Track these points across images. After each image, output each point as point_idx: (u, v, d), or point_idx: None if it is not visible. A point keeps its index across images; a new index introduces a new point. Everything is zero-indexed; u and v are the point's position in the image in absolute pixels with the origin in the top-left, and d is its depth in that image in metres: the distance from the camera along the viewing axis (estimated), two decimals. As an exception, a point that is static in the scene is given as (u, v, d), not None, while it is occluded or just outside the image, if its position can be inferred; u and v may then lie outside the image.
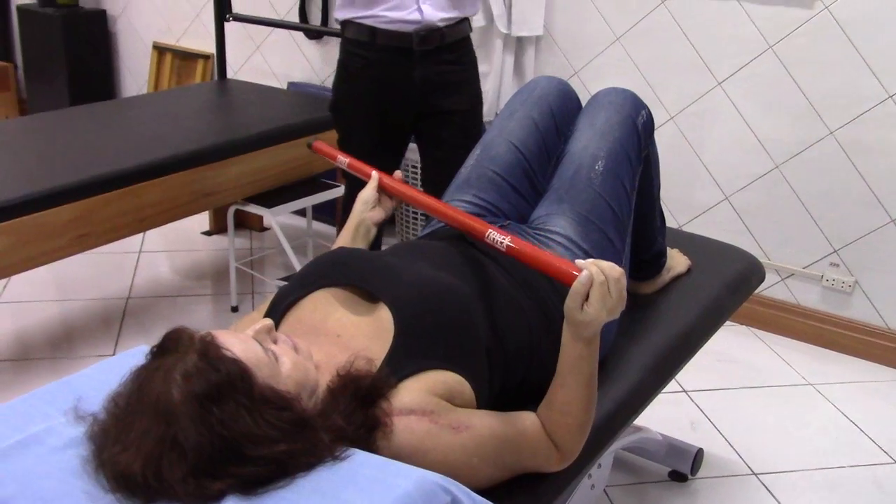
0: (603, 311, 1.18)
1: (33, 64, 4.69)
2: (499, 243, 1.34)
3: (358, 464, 1.02)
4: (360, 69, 2.43)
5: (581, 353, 1.24)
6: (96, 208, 2.40)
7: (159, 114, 3.10)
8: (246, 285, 3.30)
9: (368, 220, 1.60)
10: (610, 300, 1.18)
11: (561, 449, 1.29)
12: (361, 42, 2.40)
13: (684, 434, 2.42)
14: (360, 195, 1.63)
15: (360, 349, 1.19)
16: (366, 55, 2.40)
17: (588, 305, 1.18)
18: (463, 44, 2.50)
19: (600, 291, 1.17)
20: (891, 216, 2.82)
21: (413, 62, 2.39)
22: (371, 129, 2.48)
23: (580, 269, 1.19)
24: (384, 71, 2.41)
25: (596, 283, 1.17)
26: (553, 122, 1.75)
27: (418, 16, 2.34)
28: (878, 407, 2.70)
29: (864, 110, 2.78)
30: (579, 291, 1.18)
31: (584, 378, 1.26)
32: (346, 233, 1.61)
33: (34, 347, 2.81)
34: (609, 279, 1.18)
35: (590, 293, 1.18)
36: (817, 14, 2.77)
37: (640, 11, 3.09)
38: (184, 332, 1.05)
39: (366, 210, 1.60)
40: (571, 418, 1.27)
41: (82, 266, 3.33)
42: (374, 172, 1.63)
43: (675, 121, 3.14)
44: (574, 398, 1.27)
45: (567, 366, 1.26)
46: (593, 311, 1.18)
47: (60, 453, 1.02)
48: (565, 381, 1.26)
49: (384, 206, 1.62)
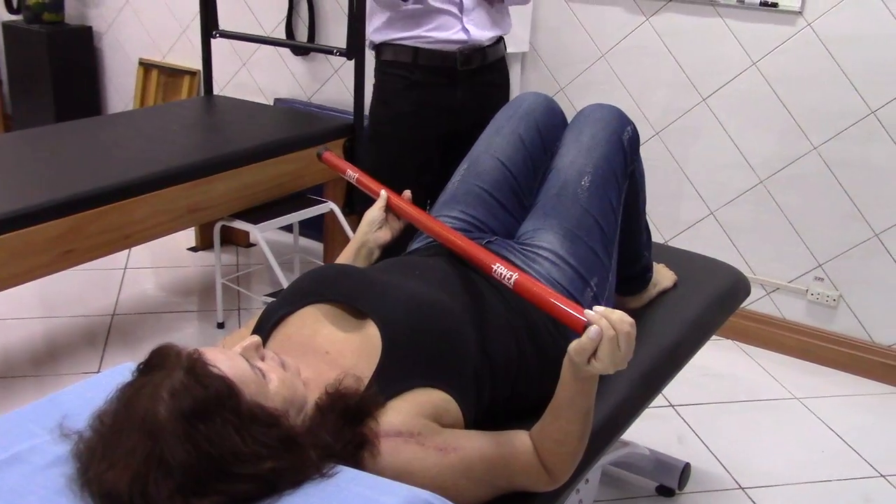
0: (611, 367, 1.11)
1: (19, 80, 4.67)
2: (506, 279, 1.29)
3: (346, 481, 1.01)
4: (402, 90, 2.40)
5: (580, 390, 1.20)
6: (82, 225, 2.39)
7: (145, 130, 3.09)
8: (232, 301, 3.29)
9: (373, 241, 1.57)
10: (619, 355, 1.11)
11: (552, 474, 1.27)
12: (402, 63, 2.37)
13: (671, 449, 2.42)
14: (366, 214, 1.59)
15: (348, 366, 1.19)
16: (407, 76, 2.38)
17: (596, 360, 1.11)
18: (501, 63, 2.53)
19: (610, 347, 1.09)
20: (874, 230, 2.85)
21: (456, 82, 2.40)
22: (413, 153, 2.46)
23: (587, 319, 1.12)
24: (427, 92, 2.40)
25: (605, 337, 1.09)
26: (539, 138, 1.76)
27: (464, 35, 2.36)
28: (863, 420, 2.71)
29: (847, 126, 2.80)
30: (587, 347, 1.10)
31: (581, 412, 1.23)
32: (348, 253, 1.58)
33: (18, 365, 2.78)
34: (619, 333, 1.10)
35: (598, 348, 1.10)
36: (800, 31, 2.80)
37: (624, 28, 3.12)
38: (171, 348, 1.04)
39: (371, 230, 1.57)
40: (566, 448, 1.25)
41: (67, 283, 3.31)
42: (382, 191, 1.59)
43: (660, 136, 3.16)
44: (570, 430, 1.24)
45: (565, 401, 1.22)
46: (601, 367, 1.11)
47: (45, 472, 1.01)
48: (561, 414, 1.23)
49: (391, 226, 1.59)
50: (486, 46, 2.42)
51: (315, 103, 3.91)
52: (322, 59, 3.86)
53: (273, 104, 3.99)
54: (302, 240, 3.64)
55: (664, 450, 2.35)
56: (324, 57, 3.84)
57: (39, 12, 4.47)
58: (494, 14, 2.45)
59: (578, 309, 1.16)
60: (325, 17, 3.79)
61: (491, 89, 2.51)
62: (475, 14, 2.39)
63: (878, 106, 2.74)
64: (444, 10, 2.34)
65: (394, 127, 2.44)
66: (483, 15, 2.40)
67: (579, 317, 1.13)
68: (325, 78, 3.87)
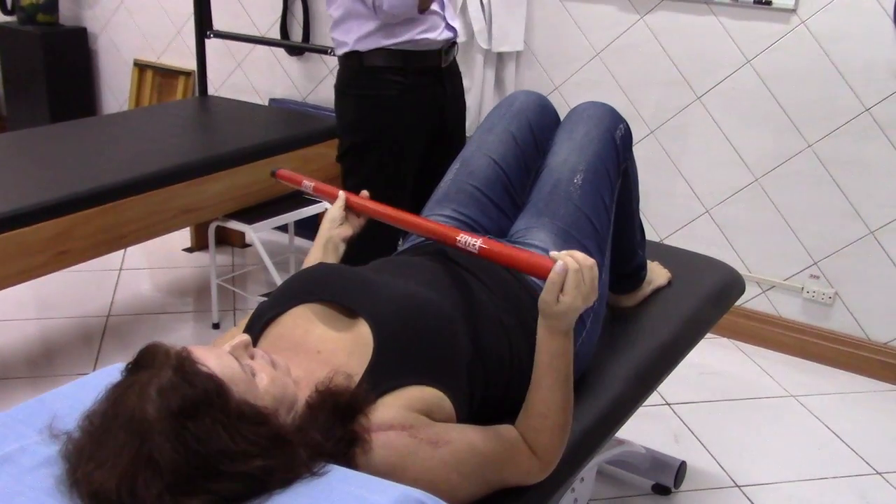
0: (579, 299, 1.21)
1: (13, 81, 4.67)
2: (471, 246, 1.36)
3: (336, 480, 1.01)
4: (398, 96, 2.37)
5: (557, 349, 1.26)
6: (76, 225, 2.38)
7: (140, 131, 3.09)
8: (228, 302, 3.28)
9: (336, 236, 1.60)
10: (584, 287, 1.21)
11: (541, 456, 1.28)
12: (395, 68, 2.34)
13: (667, 447, 2.42)
14: (327, 213, 1.63)
15: (339, 365, 1.18)
16: (402, 81, 2.36)
17: (564, 294, 1.21)
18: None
19: (575, 279, 1.20)
20: (869, 228, 2.85)
21: (443, 79, 2.44)
22: (413, 156, 2.46)
23: (553, 261, 1.22)
24: (420, 94, 2.40)
25: (571, 271, 1.20)
26: (532, 136, 1.76)
27: (450, 34, 2.41)
28: (860, 418, 2.71)
29: (841, 123, 2.80)
30: (555, 282, 1.21)
31: (560, 377, 1.27)
32: (315, 251, 1.60)
33: (13, 366, 2.78)
34: (583, 267, 1.21)
35: (565, 282, 1.20)
36: (794, 28, 2.80)
37: (619, 27, 3.12)
38: (159, 347, 1.03)
39: (333, 227, 1.60)
40: (549, 420, 1.28)
41: (62, 284, 3.30)
42: (340, 192, 1.63)
43: (654, 135, 3.16)
44: (551, 399, 1.28)
45: (543, 366, 1.28)
46: (569, 300, 1.21)
47: (34, 472, 1.01)
48: (542, 383, 1.28)
49: (352, 223, 1.62)
50: (455, 40, 2.48)
51: (310, 103, 3.91)
52: (317, 59, 3.85)
53: (268, 104, 3.99)
54: (297, 239, 3.63)
55: (660, 448, 2.34)
56: (318, 57, 3.83)
57: (34, 13, 4.47)
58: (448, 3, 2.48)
59: (543, 257, 1.27)
60: (320, 17, 3.79)
61: (459, 79, 2.58)
62: (449, 9, 2.43)
63: (873, 103, 2.74)
64: (433, 11, 2.36)
65: (393, 133, 2.40)
66: (449, 7, 2.45)
67: (547, 261, 1.24)
68: (320, 78, 3.87)
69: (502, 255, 1.32)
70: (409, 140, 2.43)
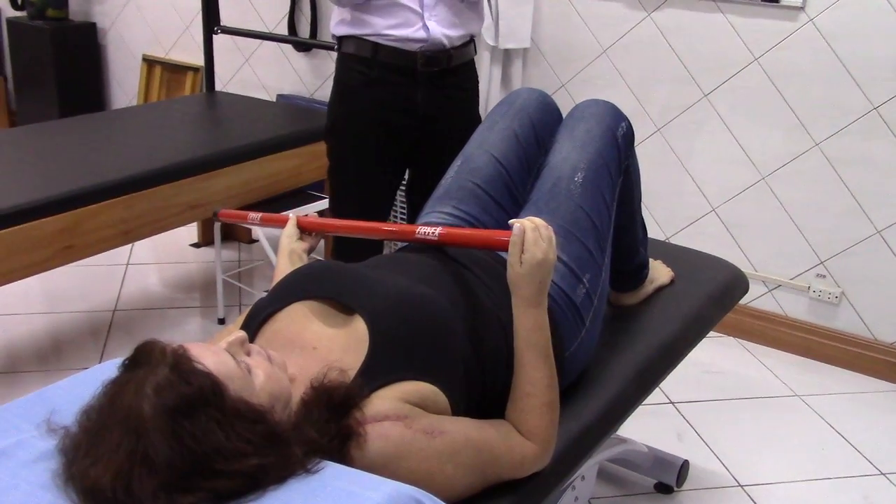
0: (538, 253, 1.27)
1: (23, 76, 4.69)
2: (431, 235, 1.41)
3: (330, 476, 1.01)
4: (360, 86, 2.30)
5: (534, 323, 1.30)
6: (84, 220, 2.39)
7: (148, 126, 3.10)
8: (233, 297, 3.29)
9: (297, 248, 1.63)
10: (542, 242, 1.28)
11: (534, 439, 1.29)
12: (362, 58, 2.28)
13: (670, 446, 2.42)
14: (282, 233, 1.65)
15: (335, 361, 1.19)
16: (367, 72, 2.28)
17: (525, 253, 1.28)
18: (468, 67, 2.42)
19: (533, 236, 1.28)
20: (876, 227, 2.83)
21: (416, 84, 2.29)
22: (369, 154, 2.35)
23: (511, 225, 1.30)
24: (386, 90, 2.29)
25: (528, 229, 1.28)
26: (533, 134, 1.75)
27: (424, 34, 2.23)
28: (865, 418, 2.70)
29: (849, 122, 2.79)
30: (516, 243, 1.28)
31: (540, 351, 1.30)
32: (282, 264, 1.61)
33: (21, 360, 2.80)
34: (539, 226, 1.29)
35: (524, 242, 1.28)
36: (802, 26, 2.79)
37: (626, 24, 3.11)
38: (155, 344, 1.04)
39: (291, 243, 1.63)
40: (536, 399, 1.29)
41: (70, 278, 3.32)
42: (290, 214, 1.67)
43: (661, 132, 3.15)
44: (535, 376, 1.29)
45: (522, 342, 1.31)
46: (530, 256, 1.27)
47: (31, 466, 1.01)
48: (523, 361, 1.31)
49: (306, 240, 1.66)
50: (451, 49, 2.29)
51: (317, 99, 3.91)
52: (324, 54, 3.86)
53: (276, 100, 4.00)
54: (304, 236, 3.63)
55: (663, 447, 2.34)
56: (326, 53, 3.84)
57: (43, 9, 4.49)
58: (461, 11, 2.30)
59: (502, 231, 1.35)
60: (327, 13, 3.79)
61: (458, 93, 2.39)
62: (438, 10, 2.25)
63: (881, 102, 2.72)
64: (404, 6, 2.21)
65: (351, 122, 2.35)
66: (446, 12, 2.26)
67: (506, 232, 1.32)
68: (328, 74, 3.87)
69: (463, 237, 1.40)
70: (366, 134, 2.34)
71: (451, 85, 2.35)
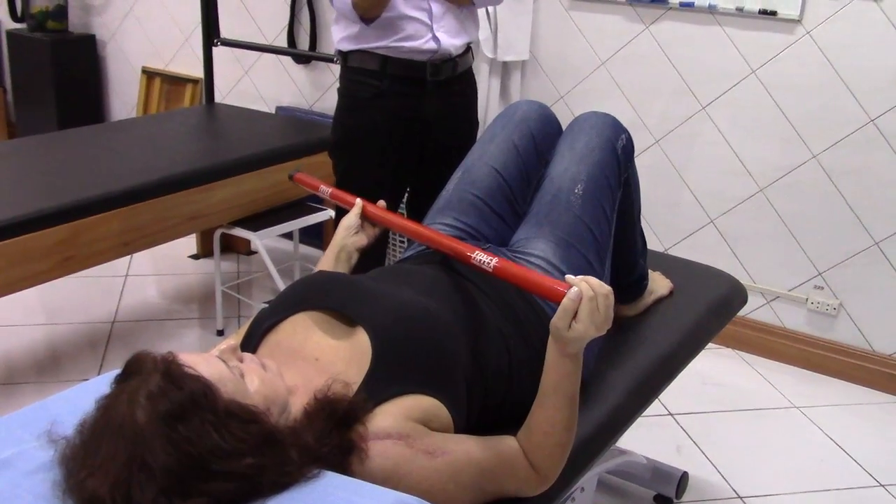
0: (591, 328, 1.18)
1: (22, 88, 4.70)
2: (486, 264, 1.34)
3: (331, 486, 1.01)
4: (370, 99, 2.32)
5: (566, 371, 1.24)
6: (83, 231, 2.40)
7: (147, 138, 3.10)
8: (232, 309, 3.29)
9: (350, 245, 1.61)
10: (598, 316, 1.18)
11: (540, 471, 1.28)
12: (371, 71, 2.30)
13: (669, 457, 2.41)
14: (342, 221, 1.63)
15: (337, 373, 1.19)
16: (376, 84, 2.30)
17: (577, 322, 1.17)
18: (469, 73, 2.47)
19: (589, 307, 1.17)
20: (874, 239, 2.84)
21: (425, 93, 2.33)
22: (377, 165, 2.38)
23: (569, 286, 1.19)
24: (396, 101, 2.32)
25: (585, 298, 1.17)
26: (533, 146, 1.76)
27: (434, 45, 2.28)
28: (863, 430, 2.70)
29: (846, 134, 2.80)
30: (569, 308, 1.17)
31: (566, 397, 1.26)
32: (328, 258, 1.61)
33: (19, 371, 2.79)
34: (598, 295, 1.18)
35: (578, 310, 1.17)
36: (799, 39, 2.80)
37: (624, 37, 3.12)
38: (146, 355, 1.05)
39: (348, 236, 1.61)
40: (553, 439, 1.27)
41: (69, 289, 3.32)
42: (357, 200, 1.64)
43: (659, 144, 3.16)
44: (556, 418, 1.26)
45: (551, 385, 1.26)
46: (582, 328, 1.17)
47: (31, 477, 1.02)
48: (547, 402, 1.26)
49: (367, 232, 1.63)
50: (455, 56, 2.35)
51: (316, 111, 3.92)
52: (324, 66, 3.87)
53: (275, 112, 4.00)
54: (302, 247, 3.65)
55: (662, 458, 2.34)
56: (325, 65, 3.85)
57: (43, 21, 4.50)
58: (464, 19, 2.36)
59: (558, 281, 1.23)
60: (327, 25, 3.80)
61: (460, 99, 2.45)
62: (445, 21, 2.30)
63: (878, 114, 2.74)
64: (414, 19, 2.25)
65: (362, 136, 2.37)
66: (452, 21, 2.32)
67: (562, 286, 1.21)
68: (327, 86, 3.88)
69: (517, 276, 1.30)
70: (377, 146, 2.36)
71: (455, 92, 2.41)
